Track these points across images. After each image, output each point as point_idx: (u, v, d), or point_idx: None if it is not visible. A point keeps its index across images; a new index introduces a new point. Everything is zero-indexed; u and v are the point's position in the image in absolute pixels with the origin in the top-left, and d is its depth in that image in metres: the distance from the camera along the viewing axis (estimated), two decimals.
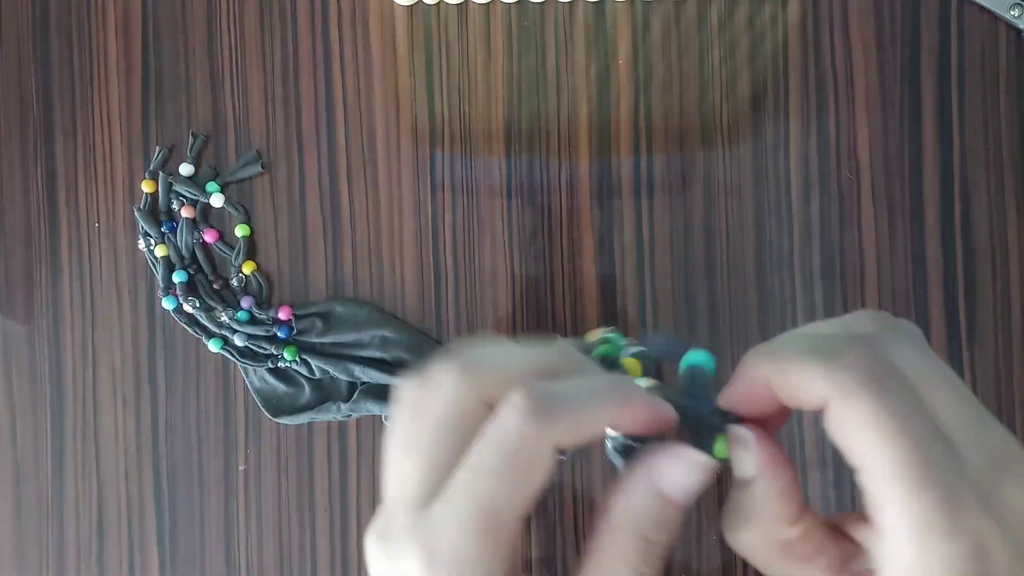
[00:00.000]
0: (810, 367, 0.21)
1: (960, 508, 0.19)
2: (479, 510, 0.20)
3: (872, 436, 0.20)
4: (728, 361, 0.46)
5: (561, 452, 0.22)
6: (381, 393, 0.45)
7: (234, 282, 0.47)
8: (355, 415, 0.46)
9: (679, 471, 0.22)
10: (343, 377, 0.46)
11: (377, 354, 0.46)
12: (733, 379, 0.24)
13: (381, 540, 0.21)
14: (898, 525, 0.20)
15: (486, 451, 0.21)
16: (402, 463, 0.22)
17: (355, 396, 0.45)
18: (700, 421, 0.23)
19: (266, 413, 0.46)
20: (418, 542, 0.20)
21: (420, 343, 0.46)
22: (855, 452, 0.21)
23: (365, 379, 0.45)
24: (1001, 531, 0.20)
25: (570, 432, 0.21)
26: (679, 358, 0.25)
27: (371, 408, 0.45)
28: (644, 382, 0.27)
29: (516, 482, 0.20)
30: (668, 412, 0.23)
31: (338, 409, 0.46)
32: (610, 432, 0.24)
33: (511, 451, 0.20)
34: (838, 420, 0.21)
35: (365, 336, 0.45)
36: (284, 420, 0.46)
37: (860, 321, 0.23)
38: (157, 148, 0.47)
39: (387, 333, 0.45)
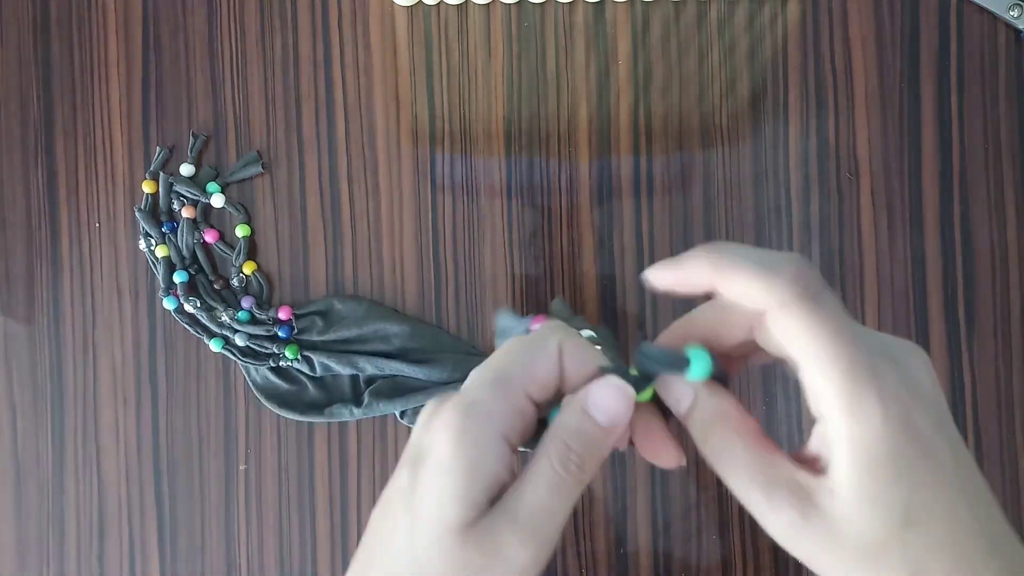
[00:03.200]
0: (754, 279, 0.25)
1: (885, 382, 0.23)
2: (493, 370, 0.26)
3: (808, 337, 0.24)
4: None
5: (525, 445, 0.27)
6: (392, 394, 0.45)
7: (235, 282, 0.47)
8: (368, 416, 0.46)
9: (602, 394, 0.26)
10: (348, 372, 0.46)
11: (380, 347, 0.46)
12: (672, 263, 0.27)
13: (429, 404, 0.28)
14: (835, 405, 0.23)
15: (513, 342, 0.27)
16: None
17: (367, 399, 0.45)
18: (628, 376, 0.27)
19: (268, 405, 0.47)
20: (449, 400, 0.26)
21: (422, 332, 0.46)
22: (793, 350, 0.24)
23: (372, 370, 0.45)
24: (919, 401, 0.24)
25: (573, 353, 0.27)
26: (676, 371, 0.27)
27: (384, 409, 0.45)
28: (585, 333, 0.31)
29: (522, 359, 0.26)
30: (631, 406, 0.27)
31: (351, 413, 0.46)
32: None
33: (527, 339, 0.27)
34: (778, 324, 0.24)
35: (366, 331, 0.45)
36: (292, 415, 0.46)
37: (790, 255, 0.27)
38: (158, 148, 0.48)
39: (388, 326, 0.45)
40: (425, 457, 0.25)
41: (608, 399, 0.26)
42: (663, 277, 0.27)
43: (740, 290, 0.25)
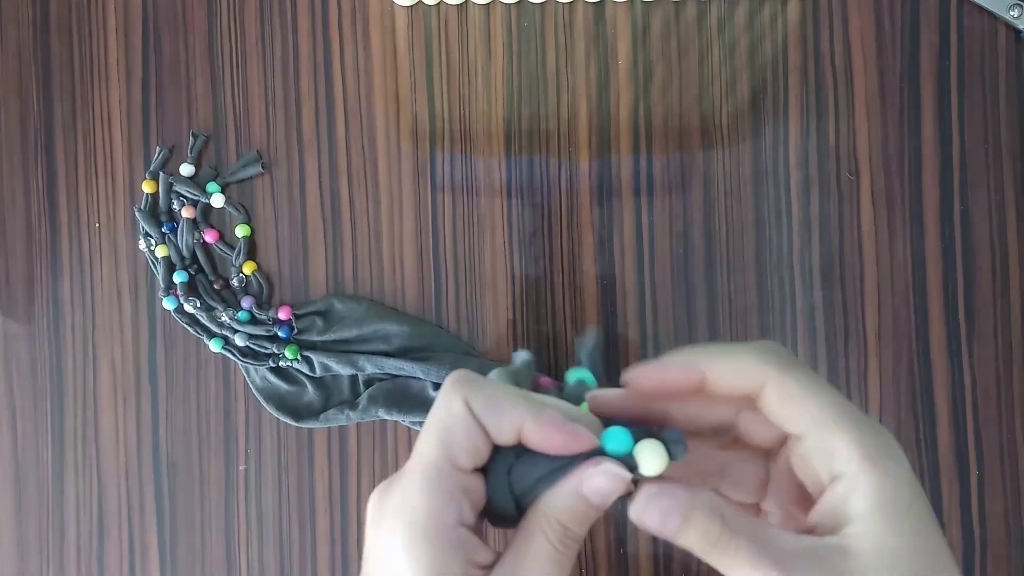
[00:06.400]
0: (748, 356, 0.26)
1: (890, 442, 0.25)
2: (419, 469, 0.26)
3: (813, 401, 0.25)
4: None
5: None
6: (389, 399, 0.45)
7: (235, 282, 0.47)
8: (365, 420, 0.46)
9: (599, 479, 0.26)
10: (348, 372, 0.46)
11: (380, 347, 0.46)
12: (655, 366, 0.28)
13: (370, 501, 0.27)
14: (855, 459, 0.24)
15: (427, 420, 0.27)
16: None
17: (363, 403, 0.45)
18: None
19: (268, 407, 0.47)
20: (386, 498, 0.26)
21: (422, 332, 0.46)
22: (800, 415, 0.26)
23: (372, 369, 0.45)
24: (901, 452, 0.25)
25: (485, 406, 0.26)
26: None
27: (380, 415, 0.45)
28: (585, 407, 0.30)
29: (446, 441, 0.26)
30: (586, 439, 0.26)
31: (347, 418, 0.46)
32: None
33: (437, 413, 0.26)
34: (778, 395, 0.26)
35: (366, 331, 0.45)
36: (290, 420, 0.46)
37: (763, 341, 0.29)
38: (157, 148, 0.48)
39: (388, 326, 0.45)
40: (387, 568, 0.26)
41: (602, 484, 0.26)
42: (646, 379, 0.28)
43: (737, 370, 0.26)
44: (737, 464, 0.30)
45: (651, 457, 0.26)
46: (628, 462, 0.26)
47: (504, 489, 0.26)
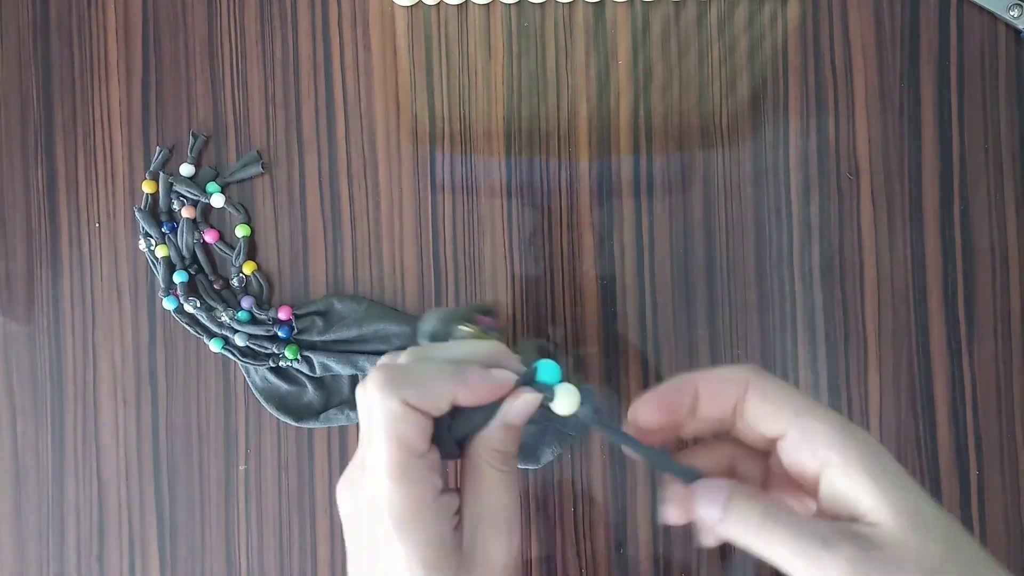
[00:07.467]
0: (729, 368, 0.29)
1: (906, 480, 0.27)
2: (382, 461, 0.29)
3: (787, 399, 0.28)
4: (728, 360, 0.46)
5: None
6: None
7: (235, 282, 0.47)
8: None
9: (519, 403, 0.31)
10: (348, 372, 0.46)
11: (380, 347, 0.46)
12: (648, 395, 0.30)
13: (339, 496, 0.31)
14: (835, 444, 0.27)
15: (369, 420, 0.29)
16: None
17: None
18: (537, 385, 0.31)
19: (268, 407, 0.47)
20: (350, 486, 0.31)
21: None
22: (777, 412, 0.28)
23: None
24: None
25: (416, 397, 0.29)
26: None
27: None
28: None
29: (400, 437, 0.29)
30: (504, 381, 0.30)
31: (348, 418, 0.46)
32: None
33: (381, 419, 0.29)
34: (760, 396, 0.29)
35: (366, 331, 0.45)
36: (290, 420, 0.46)
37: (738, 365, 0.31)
38: (157, 148, 0.48)
39: (388, 326, 0.45)
40: (382, 550, 0.29)
41: (522, 407, 0.31)
42: (647, 411, 0.30)
43: (723, 377, 0.30)
44: (743, 460, 0.31)
45: (566, 397, 0.31)
46: (546, 392, 0.31)
47: (447, 440, 0.30)
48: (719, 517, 0.27)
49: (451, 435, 0.31)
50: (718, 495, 0.27)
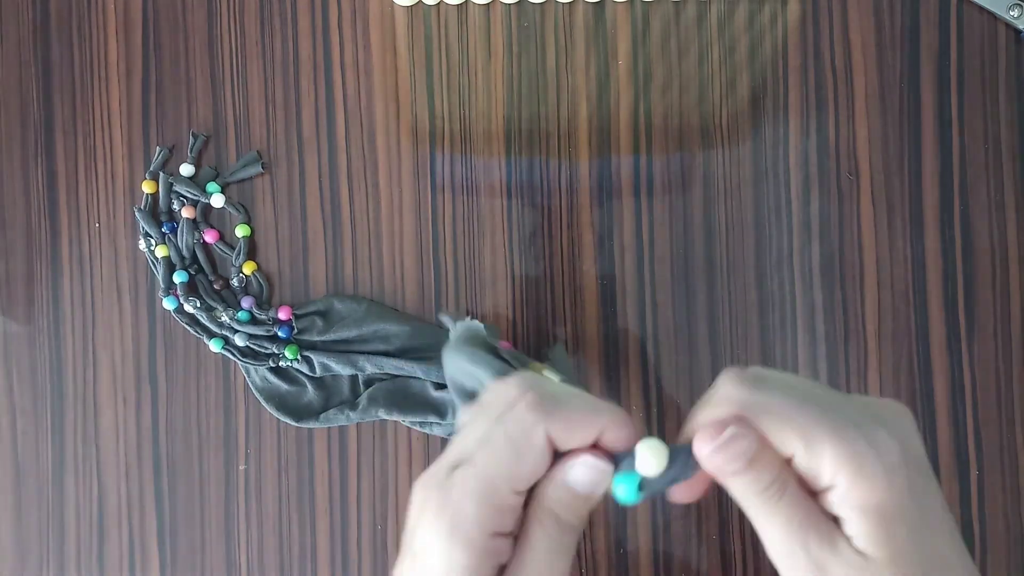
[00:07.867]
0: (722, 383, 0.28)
1: (878, 436, 0.26)
2: (480, 478, 0.26)
3: (793, 410, 0.26)
4: (727, 360, 0.46)
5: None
6: (389, 400, 0.45)
7: (235, 282, 0.47)
8: (365, 420, 0.46)
9: (578, 470, 0.27)
10: (348, 372, 0.46)
11: (380, 347, 0.46)
12: (713, 403, 0.28)
13: (421, 487, 0.28)
14: (840, 472, 0.25)
15: (497, 433, 0.27)
16: (461, 437, 0.29)
17: (364, 403, 0.45)
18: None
19: (268, 408, 0.47)
20: (438, 494, 0.27)
21: (422, 332, 0.46)
22: (782, 432, 0.26)
23: (372, 369, 0.45)
24: (911, 458, 0.26)
25: (563, 429, 0.27)
26: None
27: (381, 415, 0.45)
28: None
29: (514, 466, 0.26)
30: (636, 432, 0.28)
31: (347, 418, 0.46)
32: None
33: (512, 435, 0.27)
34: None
35: (366, 331, 0.45)
36: (290, 421, 0.46)
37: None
38: (157, 148, 0.48)
39: (388, 326, 0.45)
40: (422, 560, 0.27)
41: (584, 475, 0.28)
42: (707, 422, 0.28)
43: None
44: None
45: (650, 454, 0.27)
46: (626, 458, 0.27)
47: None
48: (738, 468, 0.26)
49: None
50: (749, 447, 0.26)
